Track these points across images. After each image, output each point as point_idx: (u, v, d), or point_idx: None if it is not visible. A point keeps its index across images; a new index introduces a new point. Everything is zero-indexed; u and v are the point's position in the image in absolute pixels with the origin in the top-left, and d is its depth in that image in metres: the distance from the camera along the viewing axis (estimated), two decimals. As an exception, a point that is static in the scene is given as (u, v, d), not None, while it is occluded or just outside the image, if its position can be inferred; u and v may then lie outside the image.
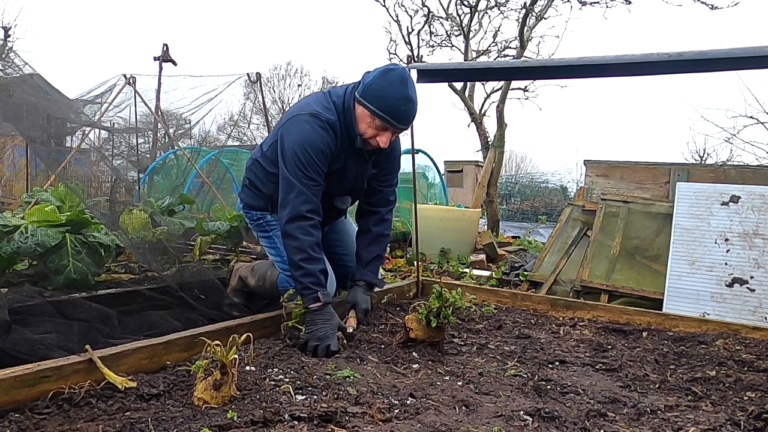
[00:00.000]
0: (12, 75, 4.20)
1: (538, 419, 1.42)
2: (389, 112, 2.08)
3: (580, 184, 11.58)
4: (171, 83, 7.99)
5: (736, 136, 7.27)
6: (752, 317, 3.30)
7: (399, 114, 2.09)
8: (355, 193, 2.45)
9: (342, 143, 2.22)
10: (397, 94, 2.07)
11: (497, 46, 9.47)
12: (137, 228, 3.86)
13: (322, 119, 2.16)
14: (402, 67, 2.13)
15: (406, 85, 2.08)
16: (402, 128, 2.16)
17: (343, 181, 2.31)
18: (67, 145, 7.30)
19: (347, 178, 2.31)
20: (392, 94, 2.07)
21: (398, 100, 2.07)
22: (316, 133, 2.14)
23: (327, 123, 2.16)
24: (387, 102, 2.07)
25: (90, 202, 3.87)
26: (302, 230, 2.09)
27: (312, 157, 2.12)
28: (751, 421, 1.47)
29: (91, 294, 2.59)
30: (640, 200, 4.35)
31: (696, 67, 2.48)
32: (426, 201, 8.23)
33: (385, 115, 2.08)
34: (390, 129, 2.13)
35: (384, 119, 2.09)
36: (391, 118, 2.09)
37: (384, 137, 2.15)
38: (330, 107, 2.21)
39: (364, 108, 2.12)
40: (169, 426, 1.28)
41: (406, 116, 2.12)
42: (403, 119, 2.12)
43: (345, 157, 2.25)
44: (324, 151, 2.15)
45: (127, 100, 7.08)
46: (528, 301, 2.93)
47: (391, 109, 2.08)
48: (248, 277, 2.58)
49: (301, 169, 2.11)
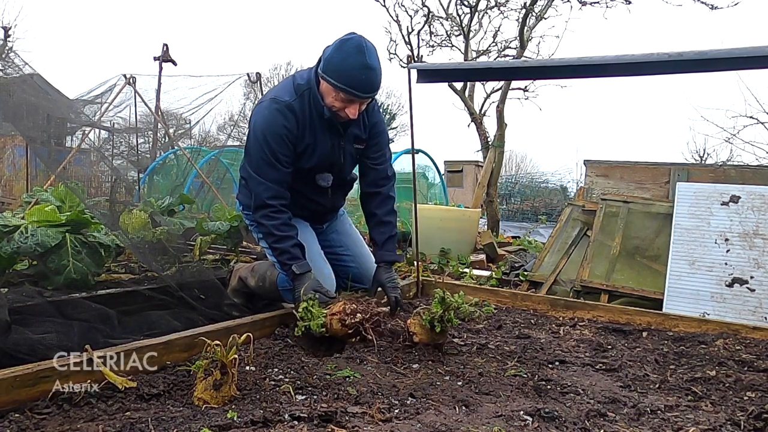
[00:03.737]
0: (12, 75, 4.20)
1: (538, 419, 1.42)
2: (350, 83, 2.09)
3: (580, 184, 11.57)
4: (171, 83, 8.00)
5: (736, 136, 7.27)
6: (752, 317, 3.30)
7: (360, 84, 2.10)
8: (338, 170, 2.44)
9: (308, 120, 2.25)
10: (355, 64, 2.06)
11: (497, 46, 9.47)
12: (137, 228, 3.86)
13: (280, 102, 2.21)
14: (358, 36, 2.12)
15: (363, 54, 2.07)
16: (366, 97, 2.17)
17: (314, 156, 2.32)
18: (67, 145, 7.30)
19: (321, 154, 2.32)
20: (351, 65, 2.07)
21: (357, 70, 2.07)
22: (272, 118, 2.19)
23: (285, 106, 2.20)
24: (346, 74, 2.08)
25: (90, 202, 3.87)
26: (266, 217, 2.22)
27: (270, 143, 2.19)
28: (751, 421, 1.47)
29: (91, 294, 2.59)
30: (640, 200, 4.35)
31: (696, 67, 2.48)
32: (426, 201, 8.24)
33: (347, 87, 2.09)
34: (355, 100, 2.15)
35: (346, 91, 2.11)
36: (352, 89, 2.10)
37: (352, 108, 2.17)
38: (290, 89, 2.25)
39: (326, 83, 2.14)
40: (169, 426, 1.28)
41: (367, 84, 2.12)
42: (365, 88, 2.12)
43: (315, 134, 2.28)
44: (282, 135, 2.20)
45: (127, 100, 7.09)
46: (528, 301, 2.93)
47: (352, 79, 2.08)
48: (248, 277, 2.58)
49: (262, 157, 2.20)
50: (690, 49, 2.41)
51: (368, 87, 2.13)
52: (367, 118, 2.43)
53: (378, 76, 2.15)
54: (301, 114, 2.23)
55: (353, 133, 2.39)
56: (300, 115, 2.23)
